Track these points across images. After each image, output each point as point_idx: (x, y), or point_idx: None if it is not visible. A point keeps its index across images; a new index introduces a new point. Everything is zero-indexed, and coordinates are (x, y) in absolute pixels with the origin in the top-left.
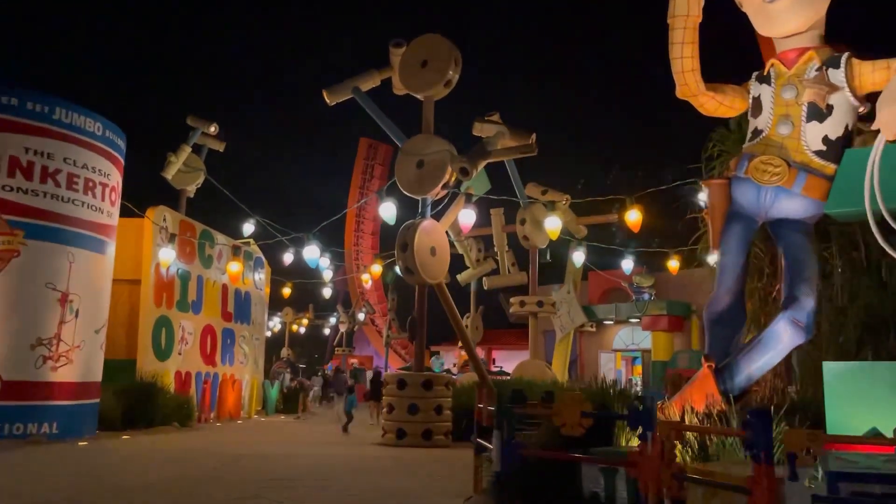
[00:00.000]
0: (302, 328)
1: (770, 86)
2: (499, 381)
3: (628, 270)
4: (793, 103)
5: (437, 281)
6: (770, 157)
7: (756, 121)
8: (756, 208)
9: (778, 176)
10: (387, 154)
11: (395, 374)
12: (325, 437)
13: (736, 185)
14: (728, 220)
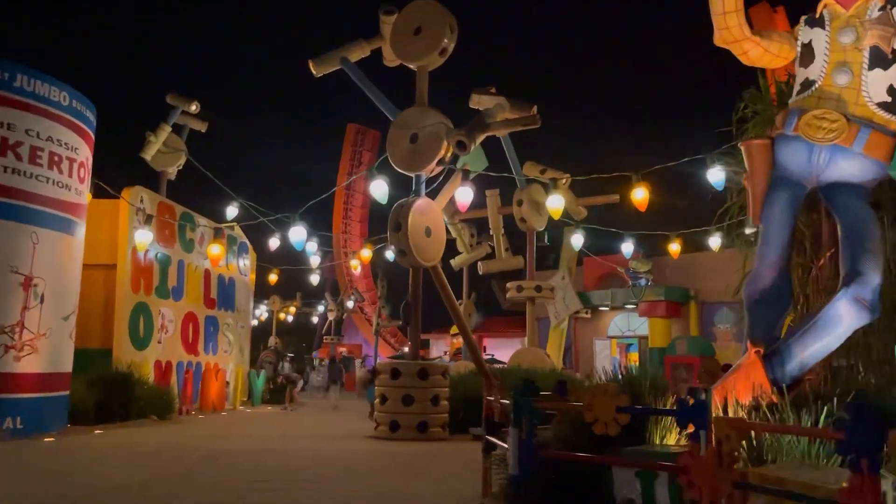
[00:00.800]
0: (290, 316)
1: (824, 29)
2: (498, 370)
3: (629, 254)
4: (852, 49)
5: (433, 263)
6: (825, 110)
7: (806, 70)
8: (806, 171)
9: (835, 132)
10: (375, 140)
11: (388, 363)
12: (315, 430)
13: (782, 145)
14: (772, 187)
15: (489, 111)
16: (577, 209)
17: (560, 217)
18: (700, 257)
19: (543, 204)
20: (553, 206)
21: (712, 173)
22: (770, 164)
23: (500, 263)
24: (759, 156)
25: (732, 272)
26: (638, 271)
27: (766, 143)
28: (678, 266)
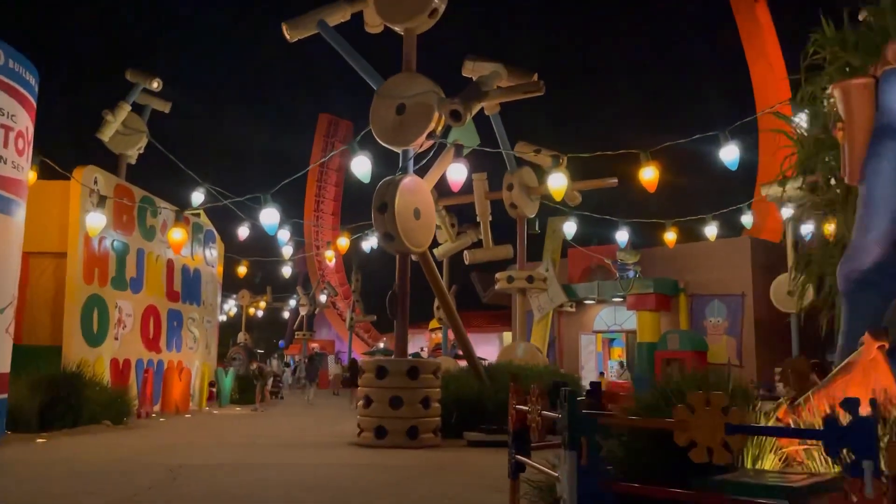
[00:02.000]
0: (260, 311)
1: None
2: (488, 368)
3: (623, 243)
4: None
5: (422, 250)
6: None
7: None
8: None
9: None
10: (347, 131)
11: (373, 361)
12: (290, 435)
13: (892, 83)
14: (877, 137)
15: (485, 79)
16: (571, 194)
17: (547, 203)
18: (689, 248)
19: (535, 188)
20: (555, 185)
21: (726, 151)
22: (873, 108)
23: (488, 253)
24: (859, 99)
25: (723, 263)
26: (626, 262)
27: (868, 83)
28: (666, 257)
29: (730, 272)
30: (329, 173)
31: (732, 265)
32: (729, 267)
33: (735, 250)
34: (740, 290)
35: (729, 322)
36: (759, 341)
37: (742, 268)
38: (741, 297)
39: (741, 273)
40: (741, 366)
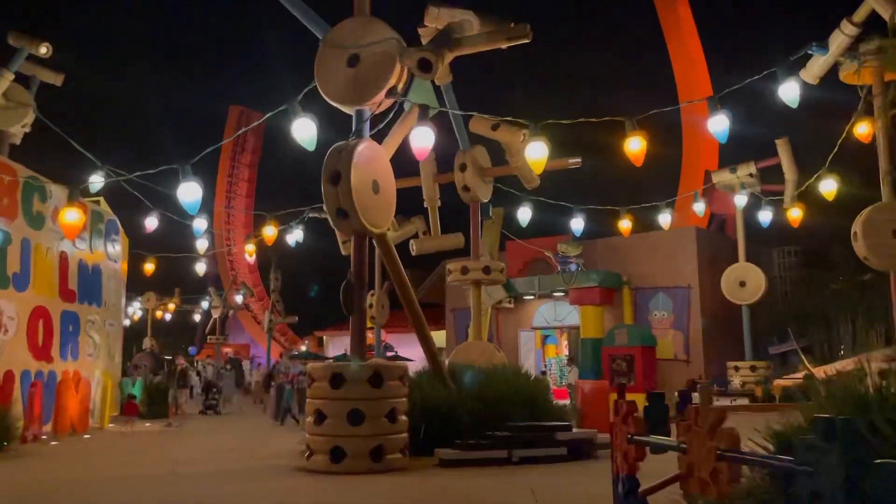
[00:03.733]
0: (167, 315)
1: None
2: (450, 370)
3: (578, 232)
4: None
5: (382, 230)
6: None
7: None
8: None
9: None
10: (260, 125)
11: (325, 367)
12: (217, 459)
13: None
14: None
15: (456, 26)
16: (529, 176)
17: (499, 186)
18: (632, 239)
19: (489, 169)
20: (534, 156)
21: (786, 88)
22: None
23: (437, 242)
24: None
25: (668, 255)
26: (568, 255)
27: None
28: (608, 249)
29: (675, 264)
30: (241, 169)
31: (678, 256)
32: (674, 258)
33: (680, 241)
34: (686, 283)
35: (675, 316)
36: (707, 335)
37: (688, 259)
38: (687, 290)
39: (687, 264)
40: (688, 361)
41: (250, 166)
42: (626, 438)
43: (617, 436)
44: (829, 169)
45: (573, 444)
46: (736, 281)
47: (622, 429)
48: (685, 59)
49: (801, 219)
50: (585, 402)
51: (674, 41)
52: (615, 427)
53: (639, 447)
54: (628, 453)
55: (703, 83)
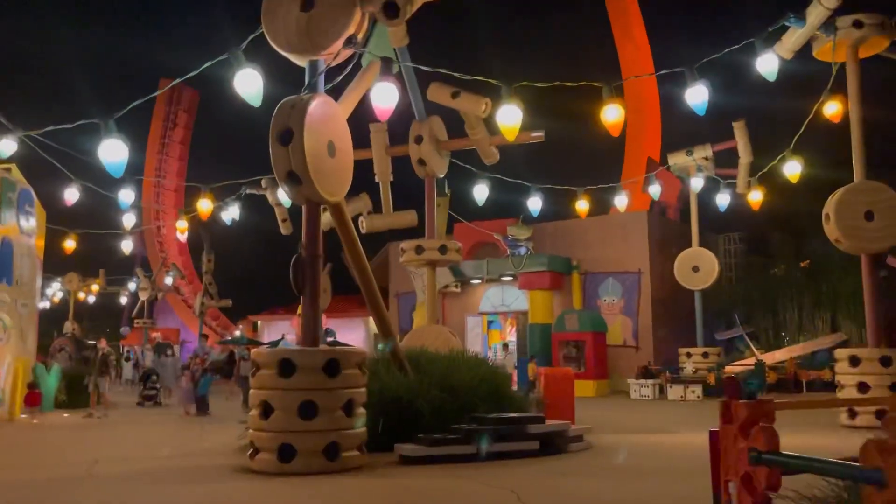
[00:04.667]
0: (91, 297)
1: None
2: (409, 358)
3: (535, 212)
4: None
5: (337, 199)
6: None
7: None
8: None
9: None
10: (192, 100)
11: (273, 352)
12: (144, 456)
13: None
14: None
15: None
16: (488, 150)
17: (455, 161)
18: (582, 223)
19: (446, 142)
20: (507, 121)
21: (763, 61)
22: None
23: (389, 220)
24: None
25: (618, 239)
26: (517, 239)
27: None
28: (558, 233)
29: (625, 248)
30: (172, 146)
31: (628, 241)
32: (625, 243)
33: (632, 225)
34: (637, 268)
35: (625, 300)
36: (656, 321)
37: (638, 243)
38: (638, 275)
39: (637, 249)
40: (637, 347)
41: (182, 143)
42: (749, 457)
43: (730, 452)
44: (792, 150)
45: (546, 437)
46: (689, 266)
47: (740, 442)
48: (630, 45)
49: (748, 204)
50: (549, 390)
51: (619, 26)
52: (726, 439)
53: (773, 471)
54: (754, 479)
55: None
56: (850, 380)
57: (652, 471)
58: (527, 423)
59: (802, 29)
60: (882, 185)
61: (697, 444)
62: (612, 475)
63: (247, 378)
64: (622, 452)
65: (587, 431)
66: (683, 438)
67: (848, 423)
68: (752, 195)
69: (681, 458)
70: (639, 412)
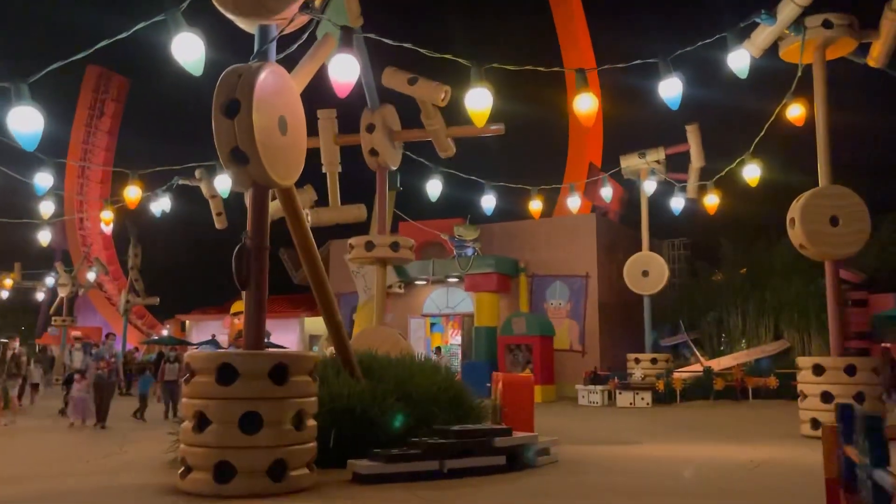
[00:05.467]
0: (5, 292)
1: None
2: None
3: (490, 210)
4: None
5: (288, 183)
6: None
7: None
8: None
9: None
10: (122, 90)
11: (210, 356)
12: (57, 472)
13: None
14: None
15: None
16: (445, 143)
17: (410, 154)
18: (530, 224)
19: (399, 132)
20: (476, 105)
21: (735, 57)
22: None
23: (337, 213)
24: None
25: (566, 241)
26: (464, 239)
27: None
28: (505, 235)
29: (573, 251)
30: (99, 136)
31: (576, 244)
32: (572, 246)
33: (580, 228)
34: (584, 271)
35: (572, 304)
36: (603, 325)
37: (587, 247)
38: (585, 279)
39: (586, 252)
40: (584, 352)
41: (110, 133)
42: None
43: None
44: (751, 154)
45: (512, 450)
46: (639, 270)
47: None
48: (575, 51)
49: (696, 209)
50: (508, 398)
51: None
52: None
53: None
54: None
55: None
56: (813, 389)
57: (637, 491)
58: (493, 436)
59: (772, 27)
60: (848, 189)
61: (668, 458)
62: (592, 497)
63: (172, 383)
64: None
65: (554, 444)
66: (650, 451)
67: (812, 434)
68: (707, 199)
69: (659, 476)
70: (593, 420)
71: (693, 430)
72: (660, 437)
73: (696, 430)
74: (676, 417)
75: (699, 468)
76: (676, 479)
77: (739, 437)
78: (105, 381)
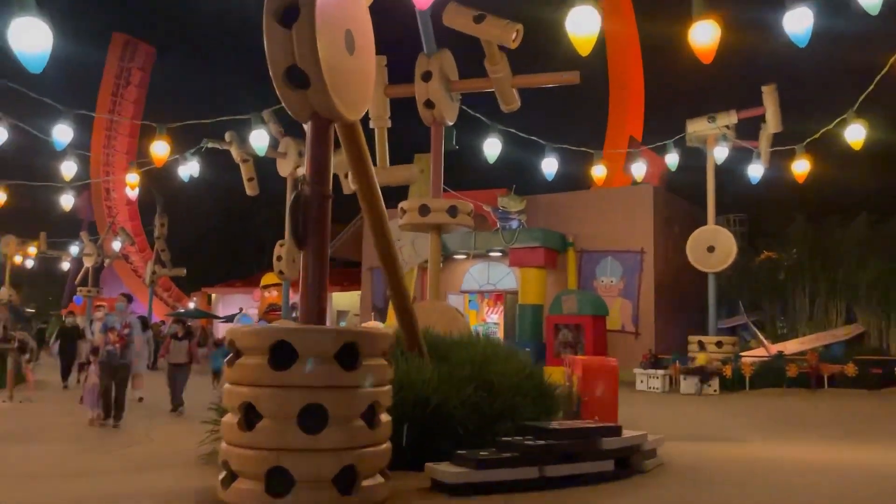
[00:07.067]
0: (30, 261)
1: None
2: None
3: (551, 175)
4: None
5: (355, 116)
6: None
7: None
8: None
9: None
10: (148, 58)
11: (261, 332)
12: (57, 467)
13: None
14: None
15: None
16: (510, 94)
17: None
18: (577, 196)
19: (457, 82)
20: (579, 30)
21: (793, 18)
22: None
23: (385, 175)
24: None
25: (619, 215)
26: (509, 210)
27: None
28: (553, 206)
29: (627, 225)
30: (125, 105)
31: (631, 217)
32: (627, 219)
33: (635, 200)
34: (639, 246)
35: (625, 282)
36: (658, 305)
37: (643, 220)
38: (640, 254)
39: (641, 226)
40: (637, 333)
41: (136, 103)
42: None
43: None
44: (856, 113)
45: (621, 453)
46: (703, 246)
47: None
48: None
49: (745, 183)
50: (587, 385)
51: None
52: None
53: None
54: None
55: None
56: None
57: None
58: (600, 436)
59: None
60: None
61: (798, 463)
62: None
63: (178, 368)
64: None
65: (659, 443)
66: (767, 452)
67: None
68: (796, 166)
69: (805, 489)
70: (664, 409)
71: (793, 424)
72: (763, 432)
73: (797, 424)
74: (760, 408)
75: (842, 479)
76: (838, 498)
77: (861, 436)
78: (116, 361)
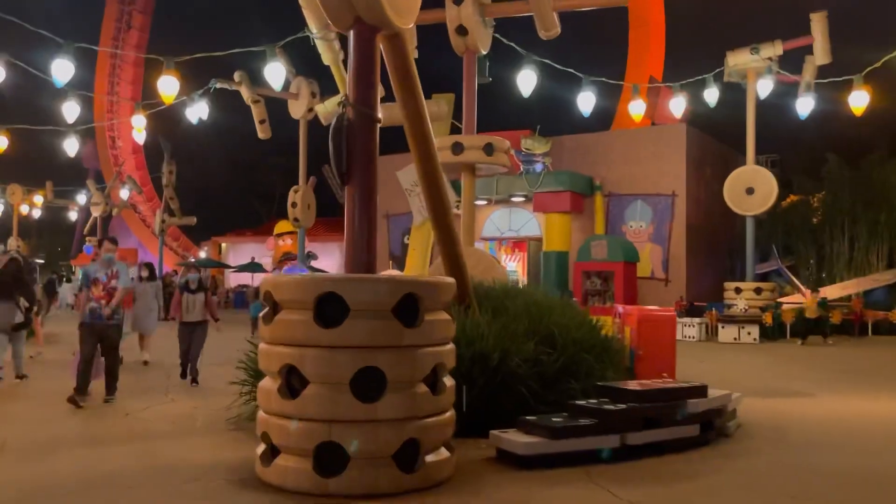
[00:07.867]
0: (36, 211)
1: None
2: None
3: (587, 113)
4: None
5: (405, 24)
6: None
7: None
8: None
9: None
10: (147, 1)
11: (306, 282)
12: (73, 437)
13: None
14: None
15: None
16: (550, 18)
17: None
18: (607, 137)
19: (490, 6)
20: None
21: None
22: None
23: None
24: None
25: (649, 156)
26: (533, 153)
27: None
28: (579, 148)
29: (658, 167)
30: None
31: (662, 158)
32: (657, 160)
33: (666, 140)
34: (670, 189)
35: (654, 226)
36: (690, 251)
37: (674, 162)
38: (671, 198)
39: (673, 168)
40: (668, 280)
41: (137, 47)
42: None
43: None
44: None
45: (705, 417)
46: (743, 187)
47: None
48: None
49: (775, 120)
50: (643, 338)
51: None
52: None
53: None
54: None
55: None
56: None
57: None
58: (685, 398)
59: None
60: None
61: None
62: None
63: (194, 326)
64: None
65: (738, 402)
66: (843, 408)
67: None
68: (852, 99)
69: None
70: (709, 360)
71: (852, 374)
72: (824, 384)
73: (857, 374)
74: (808, 357)
75: None
76: None
77: None
78: (102, 322)
